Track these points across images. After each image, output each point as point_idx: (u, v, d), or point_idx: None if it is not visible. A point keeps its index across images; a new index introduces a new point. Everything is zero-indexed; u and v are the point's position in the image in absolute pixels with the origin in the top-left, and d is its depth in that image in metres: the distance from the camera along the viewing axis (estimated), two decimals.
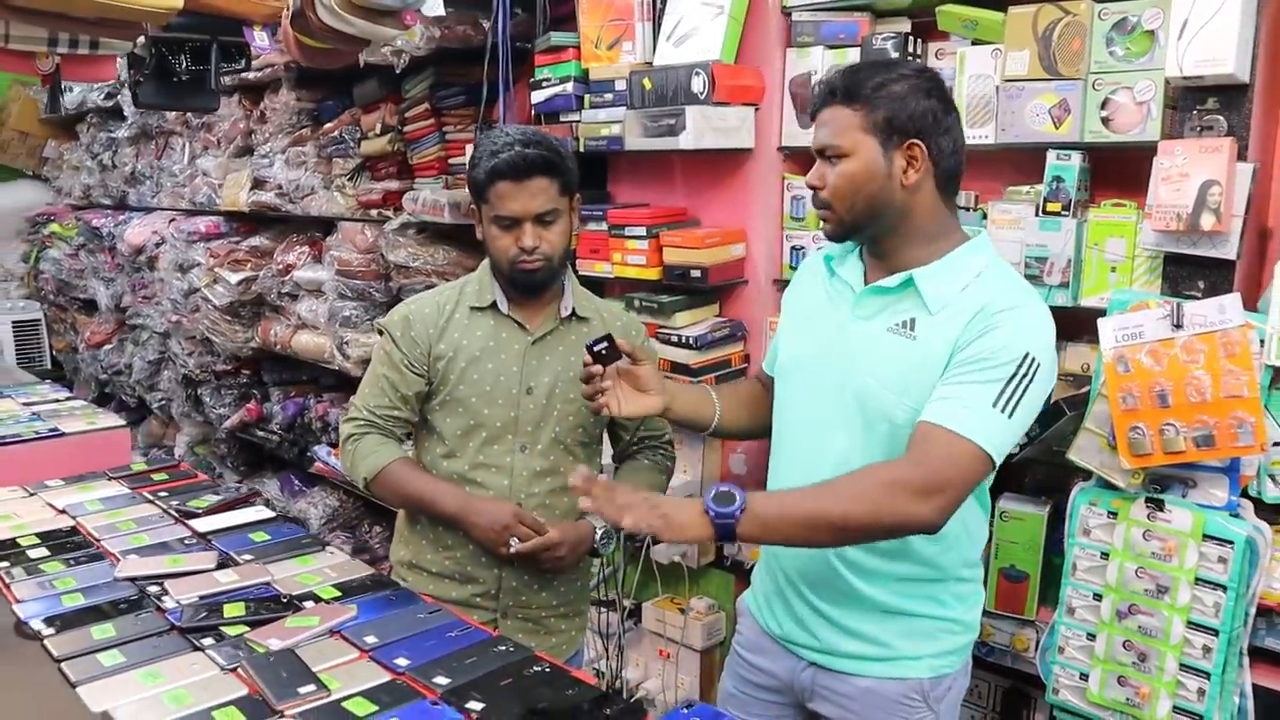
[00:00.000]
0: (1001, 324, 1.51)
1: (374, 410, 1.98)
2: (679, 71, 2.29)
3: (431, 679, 1.47)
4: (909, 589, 1.68)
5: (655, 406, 1.80)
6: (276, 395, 4.22)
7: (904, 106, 1.53)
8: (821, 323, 1.71)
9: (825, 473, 1.59)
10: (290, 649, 1.56)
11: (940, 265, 1.59)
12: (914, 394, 1.56)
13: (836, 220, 1.61)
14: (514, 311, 1.96)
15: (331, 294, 3.55)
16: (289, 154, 3.87)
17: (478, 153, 1.88)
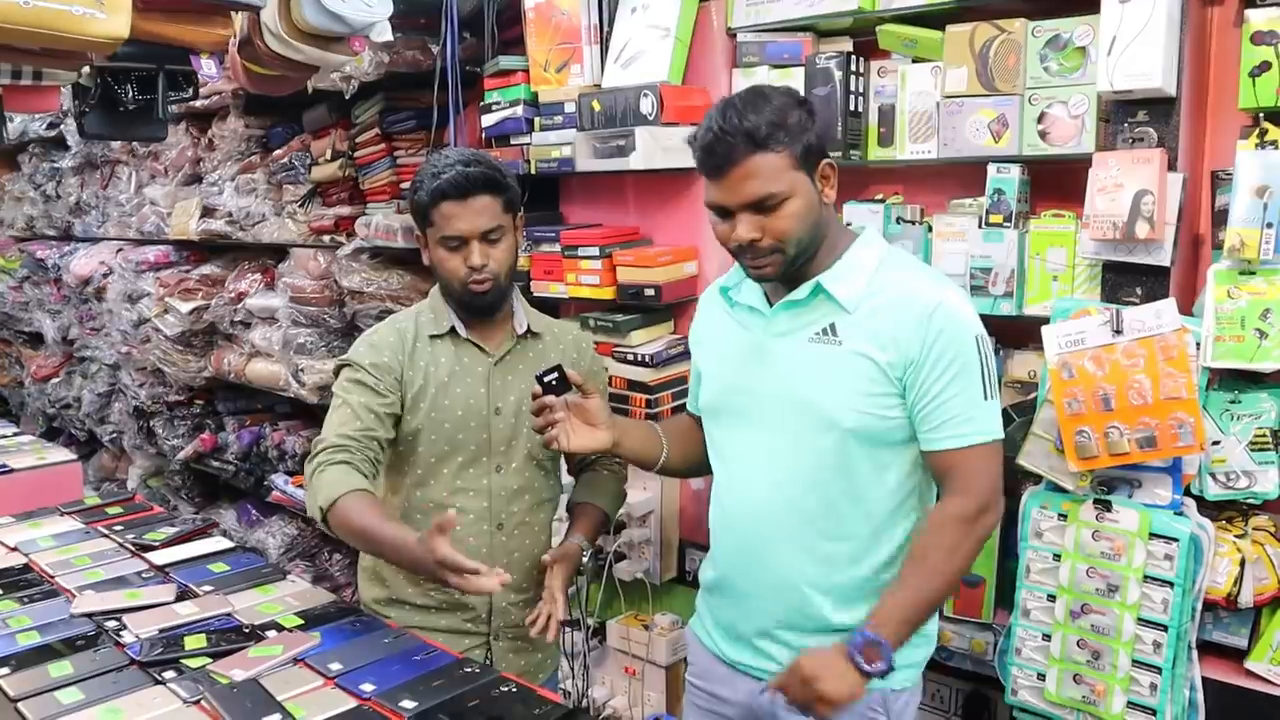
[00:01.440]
0: (942, 321, 1.56)
1: (349, 435, 1.82)
2: (628, 93, 2.32)
3: (398, 703, 1.47)
4: (871, 604, 1.63)
5: (603, 442, 1.80)
6: (231, 424, 4.16)
7: (811, 131, 1.56)
8: (736, 351, 1.72)
9: (782, 500, 1.64)
10: (254, 679, 1.56)
11: (841, 266, 1.62)
12: (853, 395, 1.58)
13: (784, 262, 1.59)
14: (472, 335, 1.96)
15: (285, 321, 3.52)
16: (238, 181, 3.84)
17: (419, 178, 1.88)
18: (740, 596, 1.75)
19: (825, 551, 1.64)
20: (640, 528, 2.54)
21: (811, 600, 1.65)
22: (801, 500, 1.64)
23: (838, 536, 1.64)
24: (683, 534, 2.63)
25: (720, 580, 1.80)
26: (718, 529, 1.80)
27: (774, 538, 1.67)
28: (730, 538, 1.76)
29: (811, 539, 1.64)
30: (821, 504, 1.63)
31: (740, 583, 1.74)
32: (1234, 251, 1.77)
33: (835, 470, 1.61)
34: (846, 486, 1.62)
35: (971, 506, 1.57)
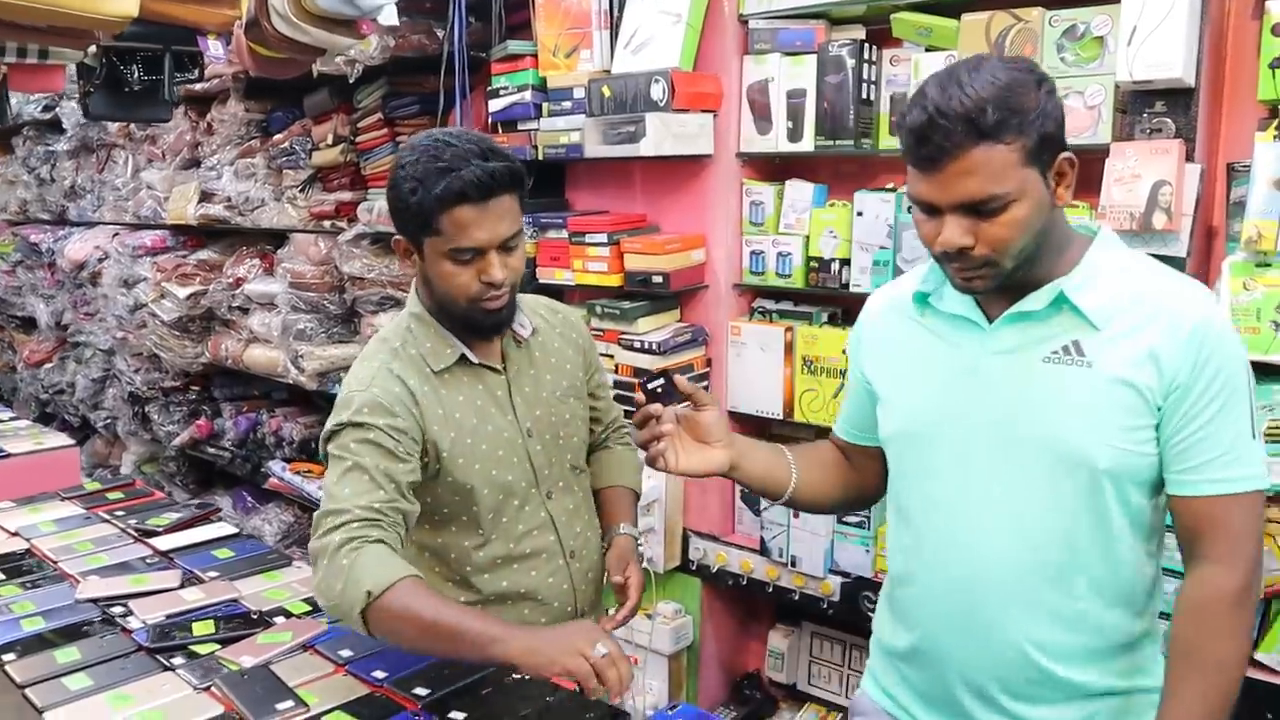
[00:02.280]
0: (1215, 341, 1.26)
1: (370, 506, 1.47)
2: (638, 79, 2.31)
3: (411, 690, 1.46)
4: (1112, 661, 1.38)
5: (719, 463, 1.52)
6: (228, 411, 4.15)
7: (1053, 119, 1.24)
8: (937, 369, 1.41)
9: (1016, 553, 1.34)
10: (264, 665, 1.54)
11: (1083, 271, 1.31)
12: (1108, 427, 1.28)
13: (998, 274, 1.28)
14: (479, 354, 1.65)
15: (285, 307, 3.50)
16: (238, 166, 3.82)
17: (410, 171, 1.49)
18: (947, 663, 1.43)
19: (1067, 612, 1.34)
20: (644, 516, 2.53)
21: (1040, 666, 1.36)
22: (1042, 553, 1.33)
23: (1081, 595, 1.34)
24: (686, 523, 2.62)
25: (921, 646, 1.46)
26: (920, 583, 1.45)
27: (1002, 597, 1.35)
28: (943, 595, 1.41)
29: (1051, 598, 1.34)
30: (1065, 556, 1.32)
31: (951, 649, 1.42)
32: (1250, 243, 1.76)
33: (1083, 517, 1.31)
34: (1096, 536, 1.32)
35: (1240, 579, 1.28)
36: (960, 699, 1.42)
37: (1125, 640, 1.37)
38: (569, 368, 1.76)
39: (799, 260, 2.35)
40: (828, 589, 2.36)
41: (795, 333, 2.36)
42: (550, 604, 1.70)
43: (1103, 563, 1.33)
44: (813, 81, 2.27)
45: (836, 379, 2.30)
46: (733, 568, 2.52)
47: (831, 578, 2.36)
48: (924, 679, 1.47)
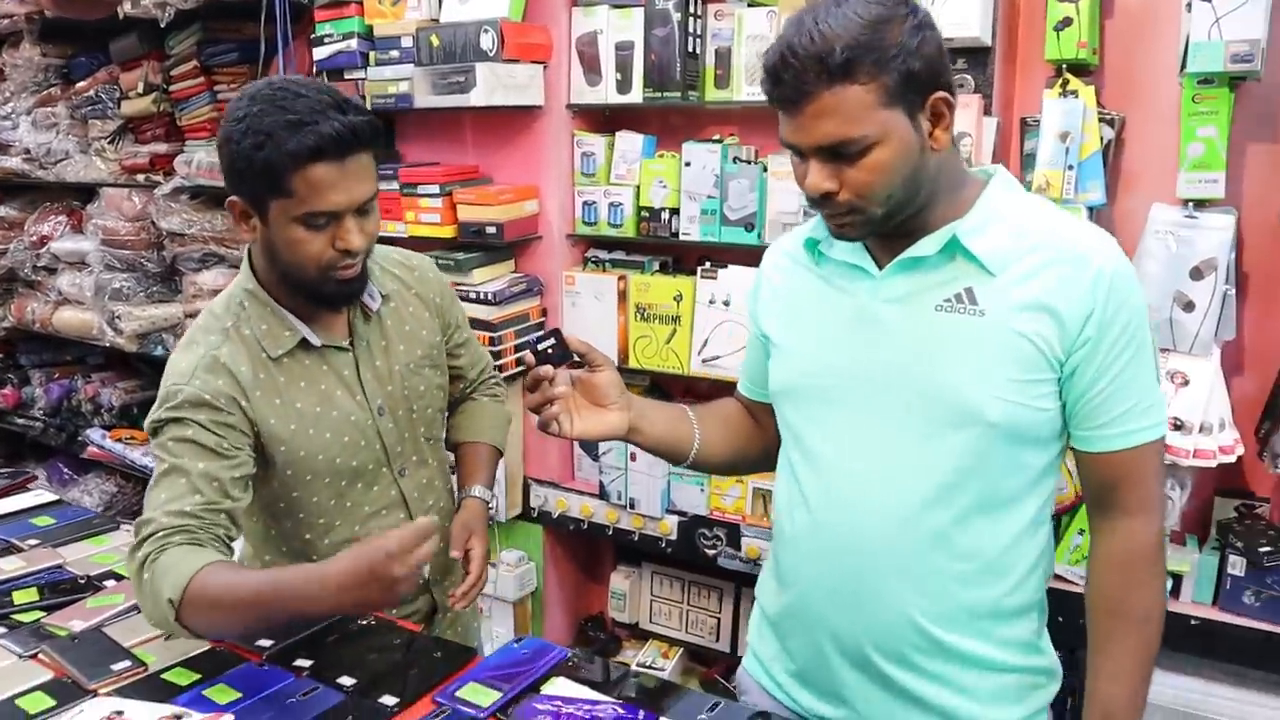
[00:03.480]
0: (1122, 288, 1.20)
1: (187, 511, 1.37)
2: (468, 28, 2.29)
3: (254, 643, 1.45)
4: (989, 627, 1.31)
5: (617, 426, 1.43)
6: (38, 377, 3.91)
7: (920, 56, 1.14)
8: (829, 320, 1.33)
9: (900, 510, 1.27)
10: (96, 628, 1.50)
11: (977, 215, 1.23)
12: (1000, 379, 1.21)
13: (866, 220, 1.21)
14: (322, 334, 1.53)
15: (97, 265, 3.33)
16: (36, 115, 3.59)
17: (255, 123, 1.32)
18: (820, 626, 1.36)
19: (949, 573, 1.27)
20: None
21: (921, 628, 1.29)
22: (927, 511, 1.26)
23: (964, 555, 1.27)
24: (527, 471, 2.66)
25: (797, 609, 1.40)
26: (799, 543, 1.38)
27: (885, 556, 1.28)
28: (820, 555, 1.35)
29: (934, 558, 1.27)
30: (948, 515, 1.26)
31: (826, 611, 1.35)
32: (1040, 191, 1.93)
33: (971, 474, 1.24)
34: (983, 494, 1.25)
35: (1156, 527, 1.28)
36: (836, 670, 1.35)
37: (1012, 610, 1.31)
38: (424, 333, 1.65)
39: (630, 210, 2.41)
40: (666, 529, 2.45)
41: (628, 281, 2.42)
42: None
43: (988, 523, 1.27)
44: (640, 34, 2.31)
45: (669, 325, 2.38)
46: (573, 513, 2.59)
47: (669, 518, 2.45)
48: (799, 646, 1.40)
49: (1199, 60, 1.79)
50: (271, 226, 1.39)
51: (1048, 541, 1.35)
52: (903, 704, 1.33)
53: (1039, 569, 1.33)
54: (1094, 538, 1.33)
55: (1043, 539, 1.33)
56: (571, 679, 1.34)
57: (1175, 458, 1.88)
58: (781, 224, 2.21)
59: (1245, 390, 2.05)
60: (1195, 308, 1.87)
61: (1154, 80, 2.00)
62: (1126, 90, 2.07)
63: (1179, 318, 1.89)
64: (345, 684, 1.34)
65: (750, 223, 2.26)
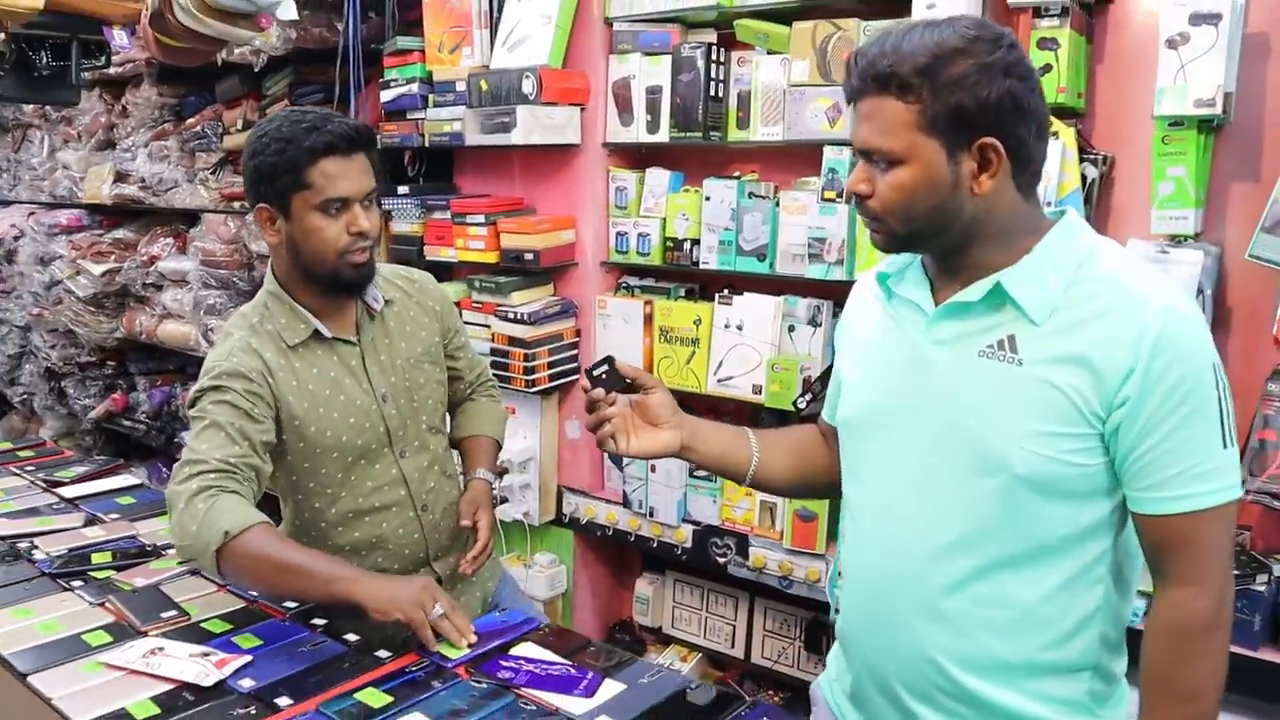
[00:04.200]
0: (1173, 341, 1.15)
1: (225, 459, 1.60)
2: (512, 74, 2.54)
3: (281, 603, 1.69)
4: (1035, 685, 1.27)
5: (668, 444, 1.49)
6: (143, 384, 4.29)
7: (974, 95, 1.14)
8: (890, 357, 1.34)
9: (927, 547, 1.27)
10: (154, 585, 1.76)
11: (1030, 262, 1.22)
12: (1028, 431, 1.19)
13: (888, 233, 1.25)
14: (333, 328, 1.77)
15: (196, 283, 3.67)
16: (151, 148, 3.96)
17: (275, 134, 1.63)
18: (856, 657, 1.41)
19: (975, 619, 1.26)
20: (520, 473, 2.78)
21: (947, 673, 1.28)
22: (953, 554, 1.26)
23: (992, 604, 1.25)
24: (560, 480, 2.87)
25: (844, 633, 1.45)
26: (848, 570, 1.44)
27: (912, 595, 1.29)
28: (860, 588, 1.39)
29: (959, 603, 1.26)
30: (974, 563, 1.25)
31: (860, 643, 1.39)
32: None
33: (998, 523, 1.23)
34: (1011, 545, 1.23)
35: (1213, 599, 1.19)
36: (871, 698, 1.38)
37: (1052, 666, 1.26)
38: (424, 334, 1.88)
39: (656, 240, 2.61)
40: (681, 536, 2.63)
41: (654, 306, 2.63)
42: (400, 552, 1.84)
43: (1018, 575, 1.24)
44: (668, 79, 2.53)
45: (689, 347, 2.57)
46: (600, 520, 2.79)
47: (685, 526, 2.63)
48: (848, 670, 1.44)
49: (1166, 104, 1.92)
50: (294, 221, 1.67)
51: (1105, 603, 1.26)
52: None
53: (1092, 630, 1.26)
54: (1151, 604, 1.25)
55: (1096, 599, 1.25)
56: (540, 645, 1.54)
57: None
58: (791, 255, 2.39)
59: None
60: None
61: (1138, 122, 2.11)
62: (1115, 131, 2.18)
63: None
64: (349, 639, 1.56)
65: (762, 253, 2.44)
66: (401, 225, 2.88)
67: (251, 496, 1.62)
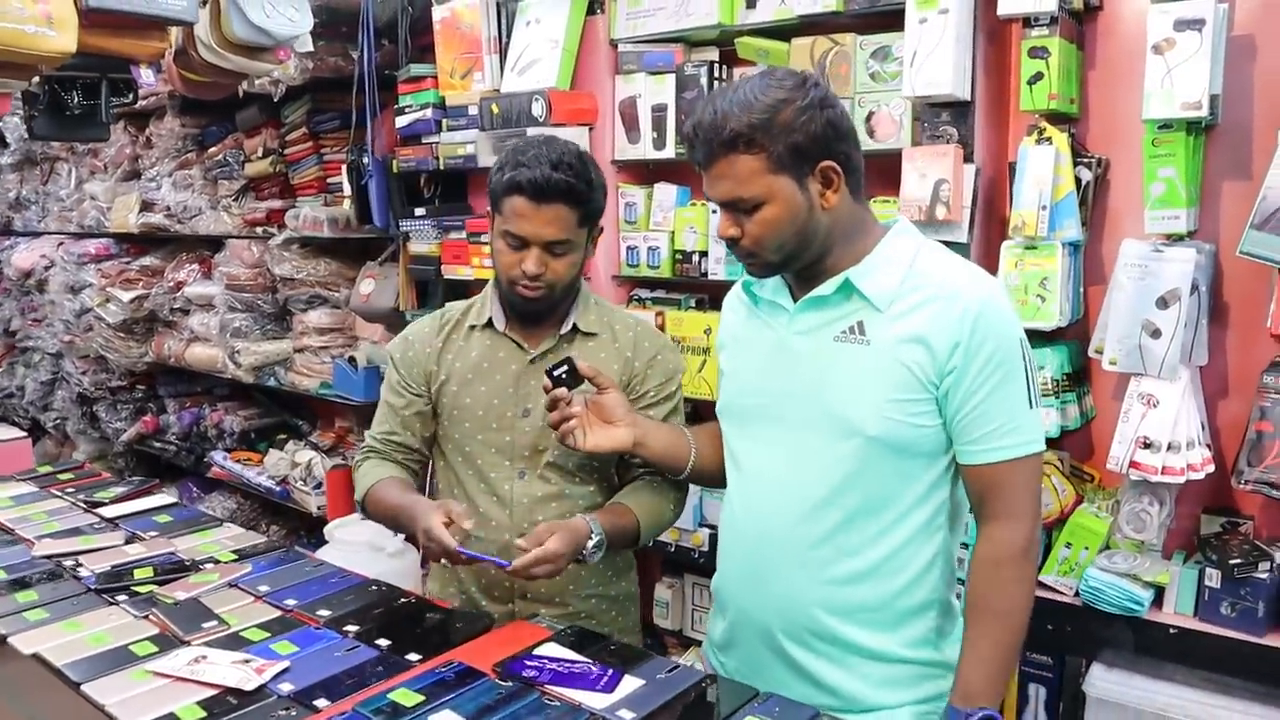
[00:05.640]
0: (987, 322, 1.41)
1: (376, 436, 1.92)
2: (521, 98, 2.63)
3: (315, 612, 1.77)
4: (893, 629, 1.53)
5: (623, 440, 1.69)
6: (172, 406, 4.41)
7: (806, 132, 1.37)
8: (758, 351, 1.58)
9: (794, 510, 1.50)
10: (194, 598, 1.84)
11: (872, 260, 1.47)
12: (878, 400, 1.44)
13: (763, 264, 1.48)
14: (512, 330, 1.85)
15: (222, 307, 3.78)
16: (176, 177, 4.09)
17: (505, 157, 1.74)
18: (737, 609, 1.62)
19: (838, 570, 1.50)
20: None
21: (818, 618, 1.52)
22: (819, 511, 1.49)
23: (852, 553, 1.49)
24: None
25: (725, 597, 1.66)
26: (726, 542, 1.67)
27: (782, 549, 1.53)
28: (736, 550, 1.62)
29: (824, 554, 1.50)
30: (838, 516, 1.48)
31: (746, 603, 1.60)
32: (1017, 230, 2.12)
33: (854, 480, 1.47)
34: (866, 498, 1.47)
35: (1024, 534, 1.45)
36: (747, 642, 1.60)
37: (907, 609, 1.51)
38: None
39: (666, 253, 2.69)
40: (698, 540, 2.70)
41: (665, 316, 2.70)
42: (486, 570, 1.88)
43: (872, 525, 1.48)
44: (673, 97, 2.61)
45: (700, 356, 2.64)
46: None
47: (701, 530, 2.70)
48: (724, 623, 1.65)
49: (1154, 108, 1.98)
50: (492, 233, 1.81)
51: (944, 547, 1.53)
52: (799, 678, 1.54)
53: (936, 571, 1.52)
54: (975, 544, 1.51)
55: (938, 544, 1.52)
56: (562, 645, 1.61)
57: (1145, 474, 2.03)
58: None
59: (1229, 413, 2.18)
60: (1161, 334, 2.03)
61: (1130, 125, 2.17)
62: (1108, 134, 2.24)
63: (1147, 344, 2.05)
64: (381, 644, 1.64)
65: None
66: (419, 246, 2.97)
67: (396, 465, 1.91)
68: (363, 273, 3.30)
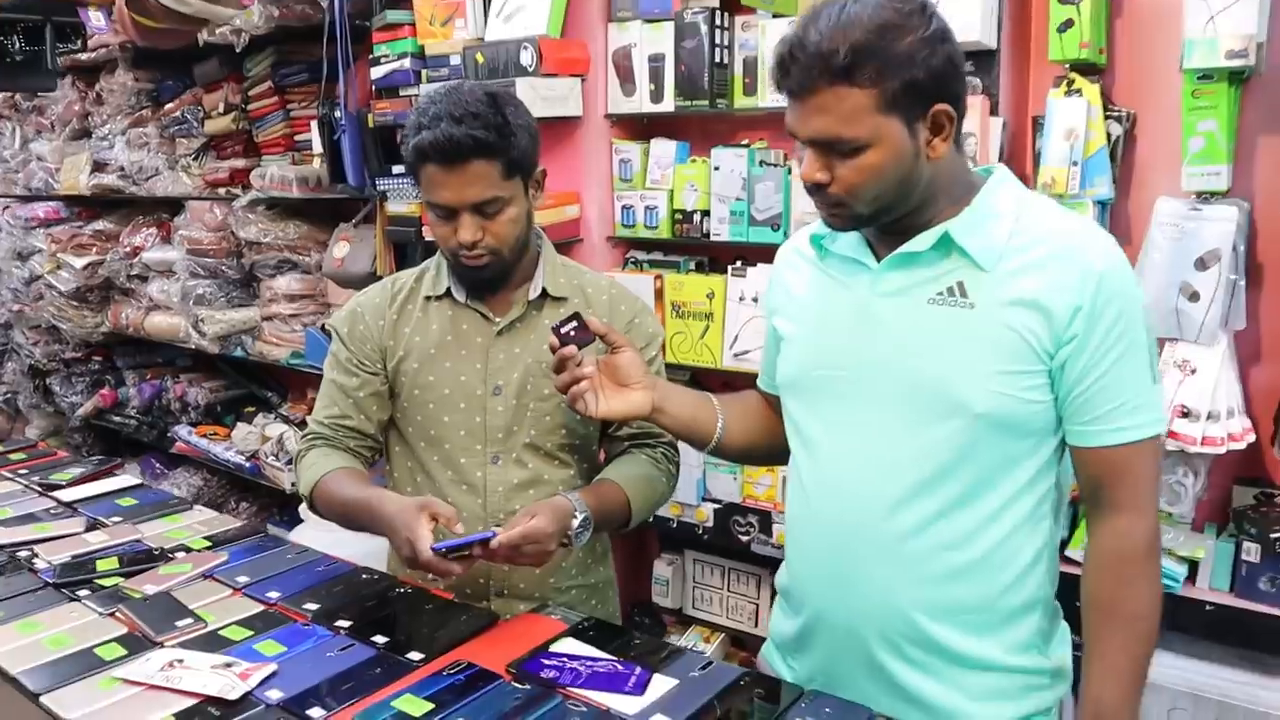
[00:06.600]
0: (1113, 285, 1.23)
1: (323, 421, 1.73)
2: (509, 46, 2.45)
3: (302, 606, 1.61)
4: (993, 629, 1.33)
5: (641, 405, 1.47)
6: (131, 378, 4.20)
7: (925, 68, 1.17)
8: (830, 315, 1.37)
9: (886, 499, 1.30)
10: (165, 592, 1.68)
11: (973, 213, 1.27)
12: (987, 371, 1.24)
13: (851, 215, 1.27)
14: (474, 300, 1.68)
15: (183, 273, 3.58)
16: (129, 135, 3.86)
17: (413, 118, 1.55)
18: (815, 610, 1.41)
19: (937, 566, 1.30)
20: None
21: (915, 622, 1.32)
22: (914, 499, 1.29)
23: (952, 546, 1.30)
24: None
25: (795, 590, 1.47)
26: (799, 533, 1.46)
27: (870, 543, 1.32)
28: (815, 544, 1.40)
29: (920, 547, 1.30)
30: (936, 505, 1.29)
31: (827, 603, 1.39)
32: (1046, 188, 2.00)
33: (957, 465, 1.27)
34: (968, 485, 1.28)
35: (1148, 527, 1.28)
36: (825, 649, 1.40)
37: (1011, 609, 1.32)
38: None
39: (664, 213, 2.54)
40: (702, 516, 2.57)
41: (664, 280, 2.55)
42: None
43: (976, 515, 1.28)
44: (671, 46, 2.44)
45: (702, 322, 2.50)
46: None
47: (705, 505, 2.57)
48: (798, 625, 1.45)
49: (1195, 57, 1.85)
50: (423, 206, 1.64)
51: (1050, 539, 1.34)
52: (887, 690, 1.35)
53: (1041, 566, 1.33)
54: (1088, 536, 1.33)
55: (1043, 535, 1.33)
56: (580, 639, 1.47)
57: (1184, 445, 1.93)
58: (805, 223, 2.29)
59: (1263, 380, 2.08)
60: (1200, 298, 1.92)
61: (1162, 77, 2.05)
62: (1137, 87, 2.12)
63: (1184, 307, 1.94)
64: (378, 641, 1.49)
65: (776, 222, 2.36)
66: (398, 206, 2.78)
67: (346, 450, 1.73)
68: (336, 235, 3.11)
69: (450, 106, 1.51)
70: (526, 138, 1.58)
